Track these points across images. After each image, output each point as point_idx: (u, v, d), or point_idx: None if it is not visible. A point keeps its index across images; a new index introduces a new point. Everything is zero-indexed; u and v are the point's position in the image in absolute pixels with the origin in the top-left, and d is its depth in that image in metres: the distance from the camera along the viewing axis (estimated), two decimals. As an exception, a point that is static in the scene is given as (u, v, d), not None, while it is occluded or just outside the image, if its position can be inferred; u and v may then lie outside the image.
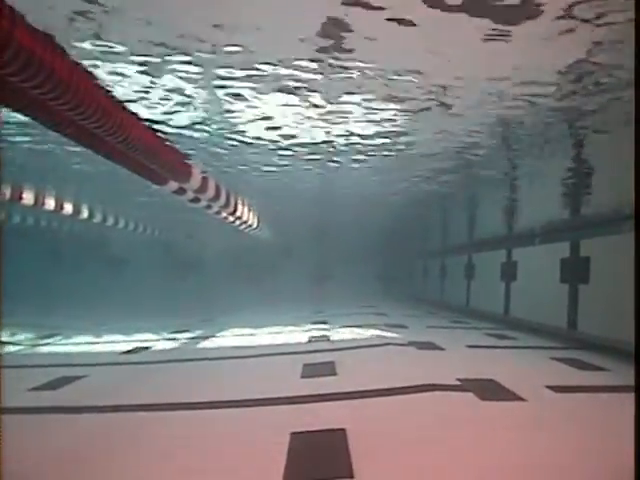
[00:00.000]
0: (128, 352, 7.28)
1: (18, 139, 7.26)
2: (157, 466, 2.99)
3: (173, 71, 4.85)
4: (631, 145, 2.56)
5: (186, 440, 3.38)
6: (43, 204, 9.96)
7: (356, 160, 8.43)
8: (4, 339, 8.54)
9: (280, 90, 5.31)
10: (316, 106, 5.79)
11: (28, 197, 9.49)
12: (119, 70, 4.78)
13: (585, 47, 4.12)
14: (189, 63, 4.64)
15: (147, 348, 7.60)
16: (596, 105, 5.41)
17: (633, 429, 2.27)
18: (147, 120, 6.05)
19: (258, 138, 7.19)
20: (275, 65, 4.67)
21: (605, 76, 4.66)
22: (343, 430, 3.37)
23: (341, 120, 6.31)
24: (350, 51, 4.28)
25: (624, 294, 5.91)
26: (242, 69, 4.77)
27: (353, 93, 5.35)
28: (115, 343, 8.29)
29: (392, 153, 7.89)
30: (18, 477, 2.62)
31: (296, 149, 7.78)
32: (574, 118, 5.89)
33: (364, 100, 5.56)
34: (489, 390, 4.44)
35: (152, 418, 4.01)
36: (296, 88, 5.25)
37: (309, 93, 5.38)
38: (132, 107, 5.59)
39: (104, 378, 5.62)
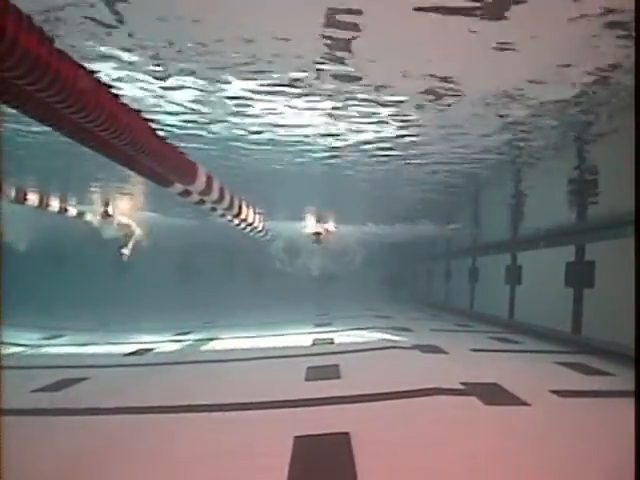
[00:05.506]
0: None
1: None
2: (159, 469, 3.00)
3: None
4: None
5: (189, 443, 3.38)
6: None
7: (361, 162, 8.41)
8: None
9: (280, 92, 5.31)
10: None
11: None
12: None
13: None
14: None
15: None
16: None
17: (634, 431, 2.28)
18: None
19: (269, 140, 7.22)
20: (277, 65, 4.66)
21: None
22: (347, 434, 3.37)
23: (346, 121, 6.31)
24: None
25: (629, 298, 5.92)
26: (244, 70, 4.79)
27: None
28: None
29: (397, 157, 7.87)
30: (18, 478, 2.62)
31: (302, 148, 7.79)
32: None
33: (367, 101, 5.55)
34: (493, 394, 4.43)
35: (155, 420, 4.02)
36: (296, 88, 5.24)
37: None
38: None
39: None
